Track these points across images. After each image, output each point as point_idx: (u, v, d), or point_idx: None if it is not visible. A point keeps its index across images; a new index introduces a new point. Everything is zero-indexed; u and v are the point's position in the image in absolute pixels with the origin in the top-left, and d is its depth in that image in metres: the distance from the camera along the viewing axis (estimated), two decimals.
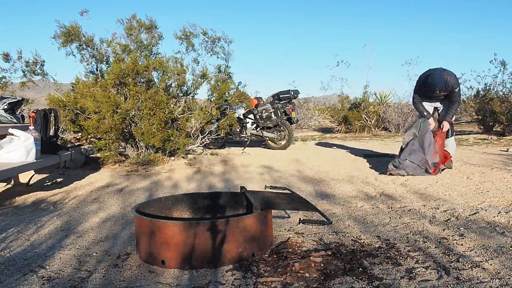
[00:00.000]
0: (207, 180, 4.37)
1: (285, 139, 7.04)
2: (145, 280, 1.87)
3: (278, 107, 6.94)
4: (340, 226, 2.64)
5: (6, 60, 5.52)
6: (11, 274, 1.95)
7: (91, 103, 5.00)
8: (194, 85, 5.89)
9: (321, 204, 3.24)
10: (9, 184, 4.25)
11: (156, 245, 2.00)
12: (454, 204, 3.04)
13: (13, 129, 3.51)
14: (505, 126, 8.82)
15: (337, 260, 2.01)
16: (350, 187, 3.85)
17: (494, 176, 3.96)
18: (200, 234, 1.95)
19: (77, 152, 5.39)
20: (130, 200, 3.57)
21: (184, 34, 5.78)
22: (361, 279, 1.78)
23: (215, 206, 2.69)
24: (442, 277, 1.77)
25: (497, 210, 2.80)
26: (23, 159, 3.42)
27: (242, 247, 2.03)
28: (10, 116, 4.14)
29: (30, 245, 2.39)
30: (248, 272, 1.91)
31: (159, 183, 4.27)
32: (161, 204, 2.56)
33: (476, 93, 10.48)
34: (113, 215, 3.07)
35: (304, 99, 13.92)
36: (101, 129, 5.00)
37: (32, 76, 5.63)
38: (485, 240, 2.21)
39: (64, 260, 2.14)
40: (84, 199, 3.65)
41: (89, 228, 2.75)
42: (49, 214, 3.12)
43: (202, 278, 1.87)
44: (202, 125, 5.91)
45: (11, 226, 2.81)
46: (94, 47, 5.66)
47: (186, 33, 5.78)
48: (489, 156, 5.50)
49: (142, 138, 5.11)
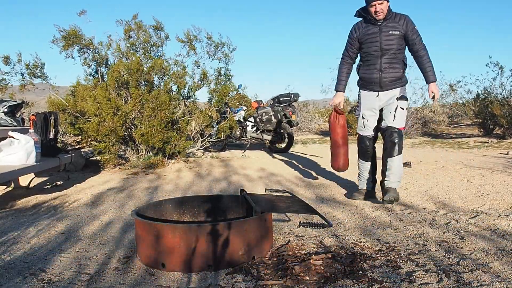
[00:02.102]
0: (207, 183, 4.37)
1: (285, 142, 7.04)
2: (145, 283, 1.87)
3: (278, 110, 6.95)
4: (340, 229, 2.64)
5: (6, 63, 5.53)
6: (11, 277, 1.95)
7: (91, 105, 5.01)
8: (194, 88, 5.90)
9: (321, 207, 3.24)
10: (9, 187, 4.25)
11: (157, 248, 2.00)
12: (454, 207, 3.05)
13: (13, 132, 3.52)
14: (505, 129, 8.83)
15: (337, 263, 2.01)
16: (350, 190, 3.84)
17: (495, 179, 3.96)
18: (200, 237, 1.95)
19: (77, 155, 5.39)
20: (130, 203, 3.57)
21: (187, 38, 5.80)
22: (361, 282, 1.78)
23: (215, 209, 2.69)
24: (442, 280, 1.77)
25: (498, 213, 2.80)
26: (23, 162, 3.42)
27: (242, 250, 2.03)
28: (10, 119, 4.14)
29: (30, 248, 2.38)
30: (248, 275, 1.91)
31: (159, 186, 4.27)
32: (161, 207, 2.56)
33: (476, 96, 10.49)
34: (113, 218, 3.07)
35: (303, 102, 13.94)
36: (101, 131, 5.00)
37: (32, 79, 5.65)
38: (485, 243, 2.21)
39: (64, 263, 2.14)
40: (85, 202, 3.65)
41: (90, 231, 2.75)
42: (49, 217, 3.12)
43: (202, 281, 1.87)
44: (202, 128, 5.92)
45: (11, 229, 2.81)
46: (96, 50, 5.67)
47: (189, 37, 5.80)
48: (489, 159, 5.50)
49: (142, 139, 5.11)
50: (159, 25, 5.71)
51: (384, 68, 3.18)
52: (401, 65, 3.22)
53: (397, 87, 3.22)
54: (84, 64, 5.70)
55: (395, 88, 3.22)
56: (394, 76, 3.20)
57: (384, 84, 3.21)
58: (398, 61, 3.20)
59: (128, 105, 5.13)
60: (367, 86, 3.30)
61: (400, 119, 3.17)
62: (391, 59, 3.17)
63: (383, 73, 3.19)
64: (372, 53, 3.20)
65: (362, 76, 3.33)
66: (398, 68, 3.20)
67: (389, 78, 3.20)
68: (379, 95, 3.25)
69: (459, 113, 12.33)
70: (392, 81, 3.21)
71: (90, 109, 5.02)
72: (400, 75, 3.22)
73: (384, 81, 3.20)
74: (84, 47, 5.58)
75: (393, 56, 3.16)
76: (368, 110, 3.32)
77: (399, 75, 3.22)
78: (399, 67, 3.21)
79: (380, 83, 3.21)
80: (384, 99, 3.24)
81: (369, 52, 3.21)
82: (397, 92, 3.22)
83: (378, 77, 3.21)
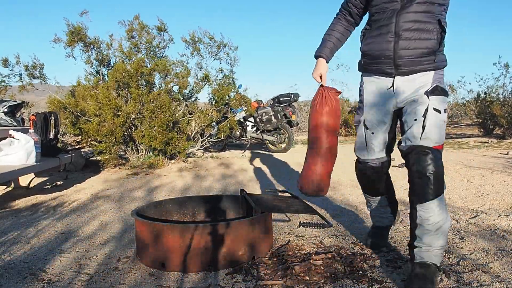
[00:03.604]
0: (207, 183, 4.37)
1: (285, 142, 7.04)
2: (145, 283, 1.87)
3: (278, 110, 6.95)
4: (340, 229, 2.64)
5: (5, 65, 5.54)
6: (11, 277, 1.95)
7: (92, 105, 5.01)
8: (196, 88, 5.91)
9: (321, 207, 3.24)
10: (9, 187, 4.25)
11: (156, 248, 2.00)
12: (454, 207, 3.04)
13: (13, 132, 3.52)
14: (506, 129, 8.82)
15: (337, 263, 2.01)
16: (350, 190, 3.85)
17: (495, 179, 3.96)
18: (200, 237, 1.95)
19: (77, 155, 5.39)
20: (130, 203, 3.57)
21: (192, 39, 5.82)
22: (361, 282, 1.78)
23: (215, 209, 2.69)
24: (443, 280, 1.77)
25: (498, 213, 2.79)
26: (23, 162, 3.42)
27: (242, 250, 2.03)
28: (10, 119, 4.14)
29: (30, 248, 2.38)
30: (248, 275, 1.91)
31: (160, 186, 4.27)
32: (161, 207, 2.56)
33: (476, 96, 10.49)
34: (113, 218, 3.07)
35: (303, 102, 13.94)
36: (102, 132, 5.00)
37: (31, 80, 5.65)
38: (485, 243, 2.21)
39: (64, 263, 2.14)
40: (85, 202, 3.65)
41: (90, 231, 2.75)
42: (49, 217, 3.12)
43: (202, 281, 1.87)
44: (203, 128, 5.92)
45: (11, 229, 2.81)
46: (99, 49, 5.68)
47: (194, 38, 5.82)
48: (489, 159, 5.50)
49: (143, 141, 5.12)
50: (162, 26, 5.71)
51: (404, 31, 1.77)
52: (436, 29, 1.78)
53: (428, 70, 1.80)
54: (87, 63, 5.69)
55: (424, 71, 1.80)
56: (423, 46, 1.77)
57: (403, 63, 1.80)
58: (431, 20, 1.77)
59: (128, 105, 5.13)
60: (374, 66, 1.91)
61: (436, 129, 1.74)
62: (419, 16, 1.76)
63: (401, 39, 1.78)
64: (386, 4, 1.82)
65: (365, 49, 1.95)
66: (430, 33, 1.77)
67: (413, 50, 1.78)
68: (394, 83, 1.85)
69: (459, 113, 12.33)
70: (418, 56, 1.78)
71: (91, 109, 5.02)
72: (434, 45, 1.78)
73: (403, 56, 1.79)
74: (89, 44, 5.57)
75: (422, 9, 1.76)
76: (375, 113, 1.95)
77: (432, 47, 1.78)
78: (431, 32, 1.77)
79: (395, 60, 1.81)
80: (405, 91, 1.83)
81: (381, 3, 1.85)
82: (428, 79, 1.80)
83: (392, 47, 1.80)
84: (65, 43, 5.45)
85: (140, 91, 5.21)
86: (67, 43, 5.45)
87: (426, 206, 1.69)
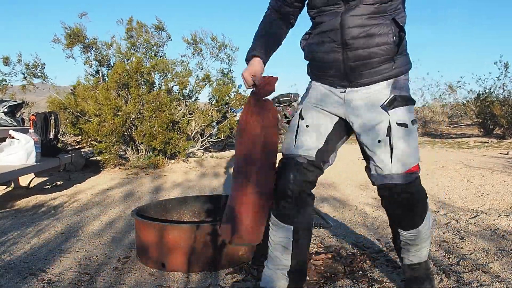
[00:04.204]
0: (207, 183, 4.37)
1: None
2: (145, 283, 1.87)
3: (278, 110, 6.96)
4: (340, 229, 2.64)
5: (6, 63, 5.54)
6: (11, 277, 1.95)
7: (92, 105, 5.01)
8: (196, 88, 5.91)
9: (322, 207, 3.24)
10: (9, 187, 4.25)
11: (156, 248, 2.00)
12: (454, 207, 3.04)
13: (13, 132, 3.52)
14: (506, 129, 8.82)
15: (337, 263, 2.01)
16: (350, 190, 3.84)
17: (494, 179, 3.96)
18: (200, 237, 1.95)
19: (77, 155, 5.39)
20: (130, 203, 3.57)
21: (193, 39, 5.82)
22: (361, 282, 1.78)
23: (215, 209, 2.69)
24: (442, 280, 1.77)
25: (498, 213, 2.80)
26: (23, 162, 3.42)
27: (242, 250, 2.03)
28: (10, 119, 4.14)
29: (30, 248, 2.38)
30: (248, 275, 1.91)
31: (160, 186, 4.27)
32: (161, 207, 2.56)
33: (476, 96, 10.49)
34: (113, 218, 3.07)
35: None
36: (102, 132, 5.01)
37: (32, 79, 5.66)
38: (485, 243, 2.21)
39: (64, 263, 2.14)
40: (85, 202, 3.65)
41: (90, 231, 2.75)
42: (49, 217, 3.12)
43: (202, 281, 1.87)
44: (203, 128, 5.92)
45: (11, 229, 2.81)
46: (98, 50, 5.68)
47: (195, 39, 5.83)
48: (489, 159, 5.50)
49: (143, 140, 5.12)
50: (161, 25, 5.72)
51: (352, 39, 1.42)
52: (391, 30, 1.42)
53: (386, 79, 1.46)
54: (86, 63, 5.70)
55: (382, 80, 1.46)
56: (378, 55, 1.42)
57: (356, 76, 1.47)
58: (384, 21, 1.42)
59: (128, 105, 5.13)
60: (324, 79, 1.56)
61: (406, 149, 1.44)
62: (367, 20, 1.41)
63: (350, 50, 1.43)
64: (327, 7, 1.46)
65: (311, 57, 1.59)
66: (385, 37, 1.41)
67: (366, 61, 1.43)
68: (346, 96, 1.50)
69: (459, 113, 12.32)
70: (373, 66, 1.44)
71: (91, 109, 5.03)
72: (390, 51, 1.43)
73: (355, 68, 1.45)
74: (88, 46, 5.58)
75: (371, 11, 1.41)
76: (316, 106, 1.57)
77: (388, 53, 1.43)
78: (386, 35, 1.41)
79: (345, 69, 1.46)
80: (359, 106, 1.48)
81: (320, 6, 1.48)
82: (384, 90, 1.46)
83: (340, 59, 1.46)
84: (64, 45, 5.46)
85: (140, 91, 5.21)
86: (66, 45, 5.46)
87: (413, 232, 1.54)
